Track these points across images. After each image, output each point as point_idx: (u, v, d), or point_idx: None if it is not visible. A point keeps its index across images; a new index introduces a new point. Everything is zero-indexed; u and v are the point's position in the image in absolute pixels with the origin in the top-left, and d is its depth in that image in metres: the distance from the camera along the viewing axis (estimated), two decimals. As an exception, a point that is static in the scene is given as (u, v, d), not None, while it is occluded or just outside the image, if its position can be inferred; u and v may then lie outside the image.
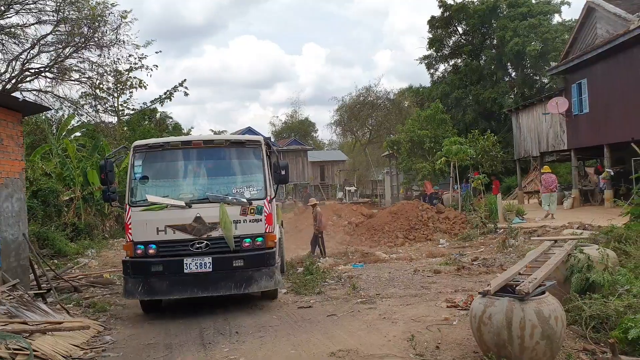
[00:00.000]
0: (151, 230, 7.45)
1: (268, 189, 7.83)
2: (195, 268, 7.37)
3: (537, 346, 4.66)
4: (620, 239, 8.11)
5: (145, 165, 7.89)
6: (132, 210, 7.58)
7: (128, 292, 7.54)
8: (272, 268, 7.61)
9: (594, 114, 18.71)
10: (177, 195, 7.76)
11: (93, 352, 6.15)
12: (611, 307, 5.58)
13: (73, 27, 15.39)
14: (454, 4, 38.41)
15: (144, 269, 7.44)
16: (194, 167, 8.09)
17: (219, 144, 8.06)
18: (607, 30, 17.63)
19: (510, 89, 38.12)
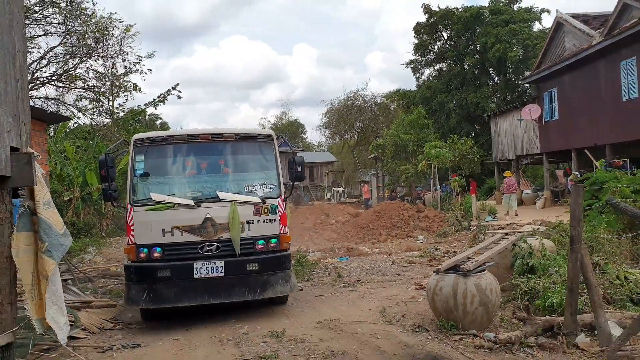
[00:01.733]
0: (156, 232, 6.86)
1: (282, 186, 7.41)
2: (206, 273, 6.87)
3: (477, 311, 6.13)
4: (564, 232, 9.65)
5: (147, 161, 7.27)
6: (134, 210, 6.93)
7: (131, 300, 6.90)
8: (287, 272, 7.24)
9: (563, 121, 20.38)
10: (184, 193, 7.21)
11: (120, 324, 7.52)
12: (540, 284, 7.08)
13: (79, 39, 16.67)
14: (439, 11, 39.88)
15: (149, 274, 6.82)
16: (201, 163, 7.55)
17: (228, 138, 7.45)
18: (573, 44, 19.31)
19: (493, 93, 39.76)
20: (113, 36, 18.02)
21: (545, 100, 21.46)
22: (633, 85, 16.03)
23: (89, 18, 16.53)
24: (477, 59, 39.46)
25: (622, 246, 8.18)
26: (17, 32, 2.80)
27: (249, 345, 6.01)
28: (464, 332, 6.07)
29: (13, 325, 2.68)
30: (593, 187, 10.15)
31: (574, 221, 5.78)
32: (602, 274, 7.45)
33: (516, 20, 37.65)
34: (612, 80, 17.03)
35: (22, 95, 2.81)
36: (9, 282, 2.72)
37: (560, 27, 20.31)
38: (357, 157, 46.23)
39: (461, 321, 6.17)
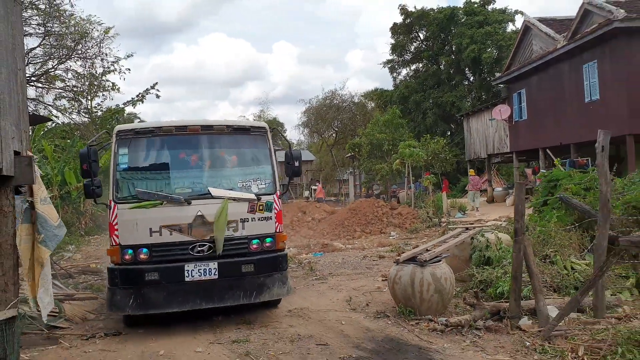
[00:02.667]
0: (143, 232, 6.34)
1: (277, 182, 7.02)
2: (199, 275, 6.40)
3: (432, 298, 6.75)
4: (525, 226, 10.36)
5: (131, 154, 6.72)
6: (118, 208, 6.37)
7: (116, 306, 6.38)
8: (284, 273, 6.89)
9: (531, 121, 21.27)
10: (173, 189, 6.67)
11: (102, 316, 7.97)
12: (493, 274, 7.75)
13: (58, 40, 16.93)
14: (415, 11, 40.71)
15: (135, 277, 6.29)
16: (191, 157, 7.02)
17: (220, 130, 6.98)
18: (540, 47, 20.20)
19: (468, 93, 40.75)
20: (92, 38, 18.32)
21: (514, 101, 22.34)
22: (594, 88, 16.93)
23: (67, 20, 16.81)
24: (452, 59, 40.43)
25: (571, 239, 8.89)
26: (18, 53, 3.27)
27: (222, 332, 6.54)
28: (420, 317, 6.69)
29: (17, 302, 3.17)
30: (549, 185, 10.88)
31: (517, 215, 6.43)
32: (551, 265, 8.17)
33: (490, 21, 38.66)
34: (575, 83, 17.92)
35: (22, 107, 3.29)
36: (12, 265, 3.21)
37: (528, 30, 21.19)
38: (335, 156, 46.88)
39: (418, 307, 6.79)
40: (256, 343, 6.01)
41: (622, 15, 14.91)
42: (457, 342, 5.87)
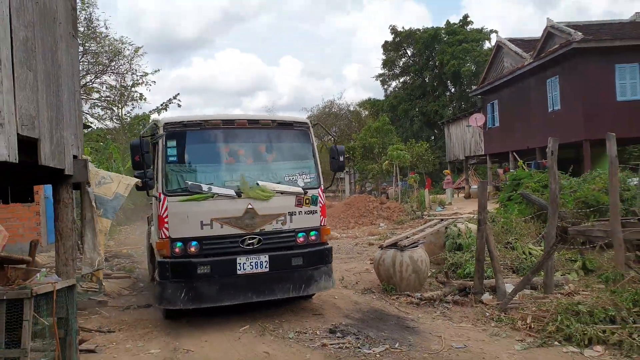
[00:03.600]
0: (194, 225, 5.73)
1: (321, 176, 6.50)
2: (250, 268, 5.82)
3: (410, 277, 7.13)
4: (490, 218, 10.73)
5: (179, 147, 6.03)
6: (168, 201, 5.71)
7: (167, 300, 5.67)
8: (329, 266, 6.38)
9: (503, 128, 21.61)
10: (222, 182, 6.02)
11: (135, 292, 8.36)
12: (463, 258, 8.12)
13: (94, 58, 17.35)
14: (403, 31, 41.04)
15: (188, 271, 5.64)
16: (238, 150, 6.40)
17: (265, 125, 6.41)
18: (510, 64, 20.52)
19: (450, 102, 41.06)
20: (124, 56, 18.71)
21: (488, 110, 22.68)
22: (556, 99, 17.27)
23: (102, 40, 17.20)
24: (436, 72, 40.73)
25: (529, 228, 9.28)
26: (75, 78, 3.63)
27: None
28: (400, 293, 7.08)
29: (74, 274, 3.55)
30: (513, 183, 11.25)
31: (480, 208, 6.81)
32: (512, 250, 8.55)
33: (469, 39, 38.93)
34: (540, 95, 18.25)
35: (78, 120, 3.66)
36: (72, 245, 3.58)
37: (500, 49, 21.52)
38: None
39: (399, 285, 7.17)
40: (262, 313, 6.38)
41: (579, 37, 15.25)
42: (429, 313, 6.25)
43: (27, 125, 2.72)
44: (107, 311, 6.94)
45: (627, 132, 15.77)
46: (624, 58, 15.38)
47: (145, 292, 8.26)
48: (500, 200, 11.53)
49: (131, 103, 25.06)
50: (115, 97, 22.62)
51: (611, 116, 15.31)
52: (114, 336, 5.80)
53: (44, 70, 3.04)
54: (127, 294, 8.24)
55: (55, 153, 3.12)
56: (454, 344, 5.03)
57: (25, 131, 2.68)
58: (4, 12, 2.53)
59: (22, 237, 10.30)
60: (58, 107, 3.26)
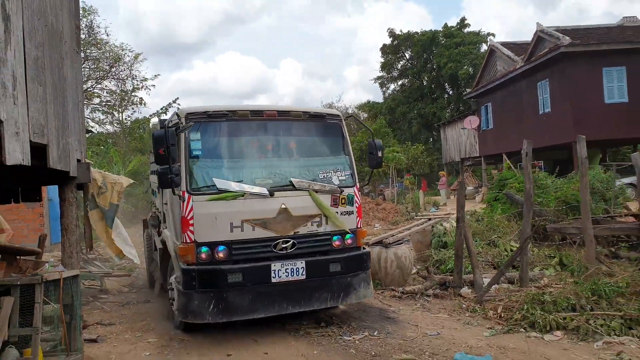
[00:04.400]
0: (223, 227, 5.11)
1: (356, 174, 5.93)
2: (286, 276, 5.21)
3: (395, 272, 7.55)
4: (478, 217, 11.17)
5: (204, 140, 5.35)
6: (193, 200, 5.06)
7: (192, 313, 5.06)
8: (368, 272, 5.83)
9: (496, 130, 22.04)
10: (252, 180, 5.38)
11: (135, 289, 8.80)
12: (447, 255, 8.55)
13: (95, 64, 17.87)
14: (401, 34, 41.54)
15: (217, 279, 5.03)
16: (267, 144, 5.76)
17: (296, 116, 5.81)
18: (503, 67, 20.96)
19: (447, 104, 41.52)
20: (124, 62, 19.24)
21: (482, 113, 23.12)
22: (547, 102, 17.69)
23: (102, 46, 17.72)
24: (433, 75, 41.21)
25: (512, 227, 9.69)
26: (79, 89, 4.08)
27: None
28: (385, 287, 7.50)
29: (78, 265, 3.98)
30: (500, 183, 11.67)
31: (458, 207, 7.24)
32: (494, 247, 8.98)
33: (466, 42, 39.42)
34: (531, 97, 18.67)
35: (82, 128, 4.11)
36: (76, 239, 4.03)
37: (493, 52, 21.97)
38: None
39: (383, 280, 7.59)
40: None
41: (567, 41, 15.68)
42: (410, 305, 6.68)
43: (38, 133, 3.18)
44: (108, 306, 7.38)
45: (615, 134, 16.22)
46: (611, 61, 15.80)
47: (144, 289, 8.70)
48: (487, 200, 11.95)
49: (131, 107, 25.59)
50: (116, 102, 23.16)
51: (599, 118, 15.73)
52: (114, 328, 6.24)
53: (51, 84, 3.49)
54: (127, 291, 8.70)
55: (61, 157, 3.57)
56: (429, 332, 5.46)
57: (36, 138, 3.13)
58: (18, 37, 2.99)
59: (27, 238, 10.77)
60: (64, 117, 3.71)
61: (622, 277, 5.79)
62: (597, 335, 4.84)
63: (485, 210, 11.26)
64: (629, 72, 15.76)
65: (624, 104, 15.92)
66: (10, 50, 2.84)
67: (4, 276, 3.57)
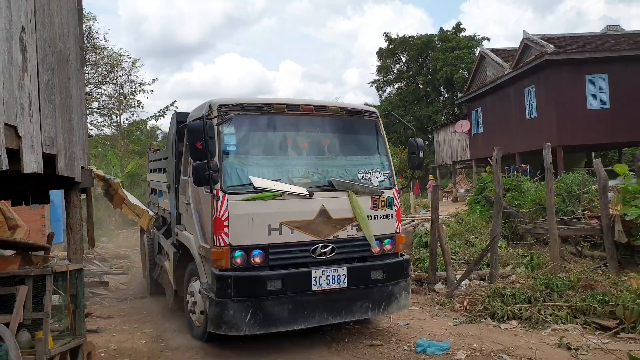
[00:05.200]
0: (260, 229, 4.74)
1: (394, 175, 5.62)
2: (327, 283, 4.85)
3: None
4: (460, 219, 11.76)
5: (238, 135, 5.00)
6: (228, 200, 4.70)
7: (227, 324, 4.64)
8: (408, 280, 5.52)
9: (487, 133, 22.65)
10: (288, 179, 5.00)
11: (132, 285, 9.36)
12: (426, 254, 9.10)
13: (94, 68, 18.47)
14: (397, 38, 42.21)
15: (256, 287, 4.65)
16: (304, 141, 5.40)
17: (333, 112, 5.41)
18: (492, 73, 21.60)
19: (443, 108, 42.18)
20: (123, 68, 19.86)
21: (473, 117, 23.74)
22: (533, 107, 18.32)
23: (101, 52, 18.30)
24: (429, 79, 41.88)
25: (489, 227, 10.26)
26: (82, 105, 4.64)
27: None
28: (366, 284, 8.04)
29: (82, 260, 4.54)
30: (481, 187, 12.26)
31: (432, 209, 7.82)
32: (471, 246, 9.56)
33: (461, 46, 40.03)
34: (519, 103, 19.30)
35: (85, 138, 4.68)
36: (80, 237, 4.59)
37: (483, 59, 22.61)
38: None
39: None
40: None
41: (551, 49, 16.31)
42: (387, 300, 7.24)
43: (49, 145, 3.75)
44: (107, 301, 7.95)
45: (598, 139, 16.85)
46: (593, 69, 16.42)
47: (141, 287, 9.27)
48: (469, 202, 12.54)
49: (129, 110, 26.17)
50: (114, 105, 23.75)
51: (582, 124, 16.35)
52: (113, 321, 6.81)
53: (60, 102, 4.07)
54: (125, 288, 9.25)
55: (68, 165, 4.14)
56: (400, 322, 6.03)
57: (47, 150, 3.71)
58: (33, 64, 3.57)
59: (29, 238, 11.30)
60: (70, 130, 4.28)
61: (574, 273, 6.36)
62: (547, 324, 5.42)
63: (467, 212, 11.84)
64: (611, 79, 16.39)
65: (606, 110, 16.54)
66: (27, 76, 3.43)
67: (19, 268, 4.12)
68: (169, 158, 6.71)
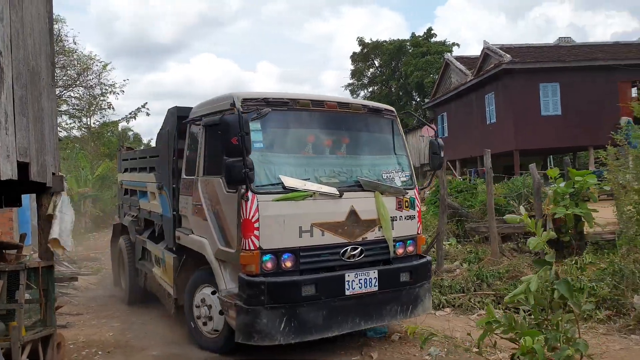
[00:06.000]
0: (291, 232, 4.52)
1: (414, 175, 5.52)
2: (359, 287, 4.69)
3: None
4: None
5: (264, 131, 4.73)
6: (258, 200, 4.43)
7: (260, 333, 4.37)
8: (430, 282, 5.50)
9: (451, 138, 23.67)
10: (316, 178, 4.79)
11: (101, 285, 9.78)
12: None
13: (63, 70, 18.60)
14: (370, 43, 43.22)
15: (291, 293, 4.44)
16: (329, 139, 5.28)
17: (356, 110, 5.30)
18: (456, 80, 22.64)
19: (415, 112, 43.30)
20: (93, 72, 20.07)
21: (439, 121, 24.76)
22: (492, 113, 19.36)
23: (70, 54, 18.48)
24: (401, 83, 43.04)
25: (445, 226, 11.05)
26: (54, 116, 5.15)
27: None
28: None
29: (52, 258, 5.03)
30: (437, 189, 13.07)
31: (384, 210, 8.52)
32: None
33: (432, 52, 41.27)
34: (480, 109, 20.34)
35: (55, 145, 5.19)
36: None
37: (448, 66, 23.65)
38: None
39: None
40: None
41: (508, 59, 17.35)
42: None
43: (23, 154, 4.26)
44: (76, 301, 8.37)
45: (551, 143, 17.98)
46: (546, 78, 17.55)
47: (109, 286, 9.69)
48: (426, 202, 13.35)
49: (99, 112, 26.19)
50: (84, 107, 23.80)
51: (537, 129, 17.44)
52: (82, 317, 7.26)
53: (32, 115, 4.58)
54: (94, 288, 9.66)
55: (40, 172, 4.64)
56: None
57: (21, 158, 4.22)
58: (9, 83, 4.09)
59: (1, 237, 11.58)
60: (42, 139, 4.79)
61: (503, 265, 7.15)
62: (475, 310, 6.17)
63: (425, 213, 12.62)
64: (562, 87, 17.55)
65: (558, 116, 17.68)
66: (3, 94, 3.95)
67: (-6, 265, 4.59)
68: (161, 156, 6.21)
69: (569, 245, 8.61)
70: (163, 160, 6.10)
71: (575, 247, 8.13)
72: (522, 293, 2.47)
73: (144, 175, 7.09)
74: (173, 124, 5.83)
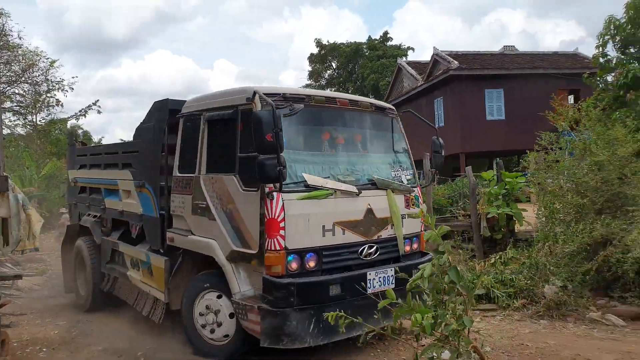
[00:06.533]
0: (314, 231, 4.48)
1: (416, 174, 5.63)
2: (379, 285, 4.72)
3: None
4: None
5: (284, 127, 4.37)
6: (283, 199, 4.32)
7: (291, 336, 4.29)
8: None
9: (404, 140, 24.56)
10: (333, 176, 4.77)
11: (47, 286, 9.71)
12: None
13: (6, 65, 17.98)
14: (328, 44, 43.86)
15: (319, 293, 4.42)
16: (342, 136, 5.19)
17: (365, 107, 5.28)
18: (408, 84, 23.51)
19: (370, 113, 44.26)
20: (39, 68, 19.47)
21: (392, 124, 25.60)
22: (441, 117, 20.29)
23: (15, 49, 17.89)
24: (358, 85, 43.88)
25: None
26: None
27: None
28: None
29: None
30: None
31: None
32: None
33: (387, 55, 42.27)
34: (429, 113, 21.22)
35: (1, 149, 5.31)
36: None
37: (401, 70, 24.52)
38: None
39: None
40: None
41: (455, 65, 18.28)
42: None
43: (-34, 154, 4.41)
44: (20, 301, 8.32)
45: (496, 147, 19.06)
46: (491, 84, 18.61)
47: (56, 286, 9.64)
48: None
49: (46, 109, 25.40)
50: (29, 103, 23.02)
51: (483, 133, 18.45)
52: (26, 317, 7.27)
53: (-24, 115, 4.70)
54: (39, 289, 9.59)
55: (-16, 171, 4.77)
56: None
57: (-35, 158, 4.36)
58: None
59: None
60: (-14, 139, 4.92)
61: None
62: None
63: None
64: (506, 94, 18.66)
65: (502, 121, 18.78)
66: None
67: None
68: (142, 152, 5.89)
69: (501, 242, 9.39)
70: (145, 156, 5.79)
71: (507, 245, 8.87)
72: (419, 278, 2.91)
73: (113, 172, 6.66)
74: (162, 117, 5.52)
